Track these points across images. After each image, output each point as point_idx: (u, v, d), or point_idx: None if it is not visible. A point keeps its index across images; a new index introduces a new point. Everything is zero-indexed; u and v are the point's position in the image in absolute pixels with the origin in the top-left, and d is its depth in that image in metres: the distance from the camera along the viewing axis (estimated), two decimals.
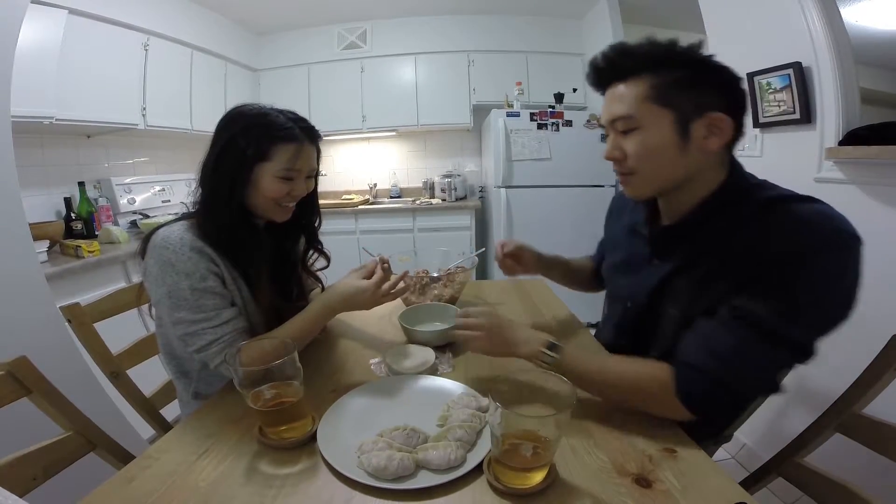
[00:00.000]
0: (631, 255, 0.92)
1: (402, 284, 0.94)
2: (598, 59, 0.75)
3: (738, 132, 0.72)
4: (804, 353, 0.66)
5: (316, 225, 1.08)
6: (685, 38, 0.71)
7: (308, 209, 1.03)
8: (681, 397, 0.67)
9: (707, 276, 0.72)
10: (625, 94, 0.72)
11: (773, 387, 0.70)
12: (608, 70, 0.75)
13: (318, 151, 0.96)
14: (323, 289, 1.14)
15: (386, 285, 0.91)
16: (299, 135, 0.89)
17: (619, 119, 0.73)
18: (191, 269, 0.81)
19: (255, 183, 0.88)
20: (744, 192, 0.73)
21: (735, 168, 0.76)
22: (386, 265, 0.94)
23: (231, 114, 0.89)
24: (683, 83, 0.69)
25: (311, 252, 1.10)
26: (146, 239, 0.86)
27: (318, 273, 1.14)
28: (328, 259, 1.13)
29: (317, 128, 0.95)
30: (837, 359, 1.27)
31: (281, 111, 0.90)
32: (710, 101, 0.69)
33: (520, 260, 1.13)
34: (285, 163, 0.87)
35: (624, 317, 0.92)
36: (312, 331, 0.93)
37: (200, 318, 0.82)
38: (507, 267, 1.13)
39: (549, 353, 0.74)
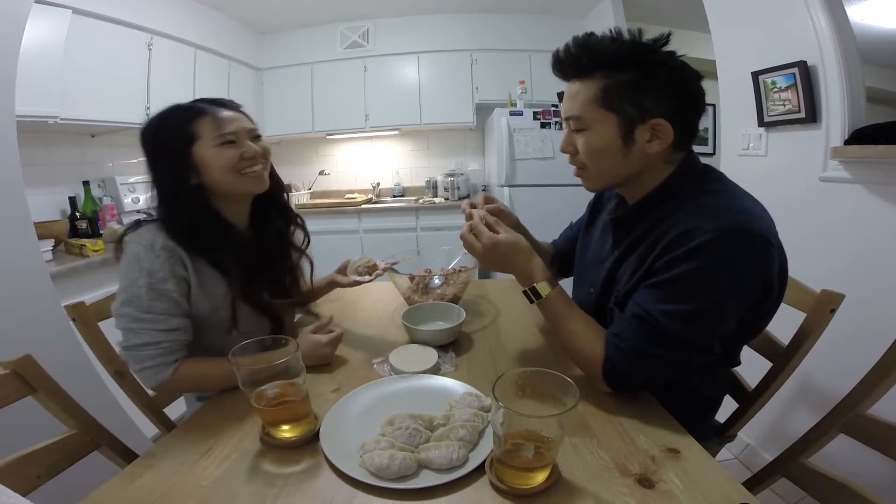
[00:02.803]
0: (602, 246, 0.96)
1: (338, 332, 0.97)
2: (560, 52, 0.77)
3: (686, 134, 0.76)
4: (694, 348, 0.71)
5: (285, 198, 1.07)
6: (687, 38, 0.71)
7: (271, 183, 1.00)
8: (605, 380, 0.76)
9: (634, 267, 0.79)
10: (577, 94, 0.76)
11: (686, 373, 0.79)
12: (569, 65, 0.77)
13: (245, 115, 0.95)
14: (312, 266, 1.13)
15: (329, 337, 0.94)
16: (207, 107, 0.89)
17: (571, 118, 0.78)
18: (155, 268, 0.82)
19: (202, 164, 0.87)
20: (680, 187, 0.78)
21: (682, 164, 0.79)
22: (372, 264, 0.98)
23: (143, 128, 0.90)
24: (630, 86, 0.72)
25: (292, 228, 1.08)
26: (121, 237, 0.87)
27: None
28: (307, 233, 1.11)
29: (320, 127, 0.96)
30: (842, 358, 1.27)
31: (176, 104, 0.91)
32: (655, 106, 0.72)
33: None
34: (213, 130, 0.87)
35: (587, 301, 0.95)
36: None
37: (147, 318, 0.82)
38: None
39: (530, 294, 0.82)
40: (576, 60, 0.76)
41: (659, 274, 0.72)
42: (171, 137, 0.87)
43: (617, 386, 0.76)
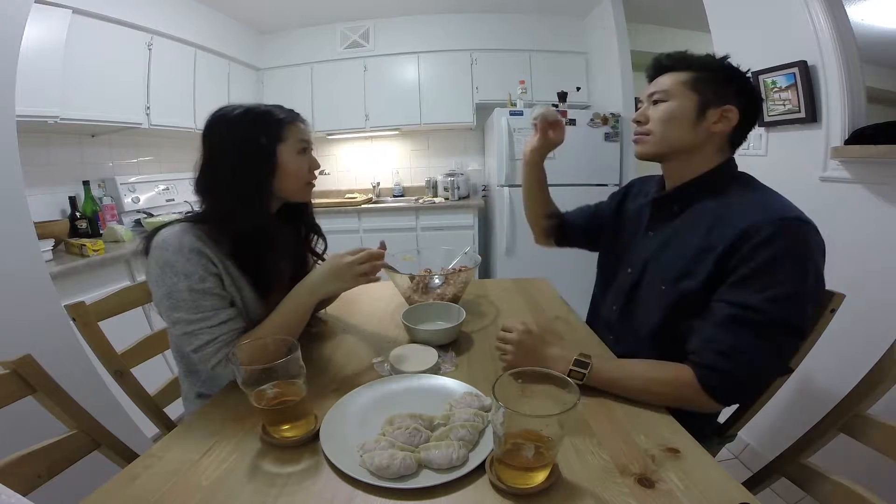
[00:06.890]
0: (638, 227, 1.05)
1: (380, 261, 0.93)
2: (662, 58, 0.94)
3: (744, 126, 0.89)
4: (798, 330, 0.76)
5: (311, 210, 1.11)
6: (687, 38, 0.74)
7: None
8: (708, 393, 0.75)
9: (694, 254, 0.84)
10: (668, 78, 0.91)
11: (782, 367, 0.82)
12: (668, 66, 0.92)
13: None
14: None
15: (363, 255, 0.90)
16: (291, 114, 0.95)
17: (658, 92, 0.91)
18: (190, 270, 0.82)
19: (281, 166, 0.91)
20: (731, 180, 0.90)
21: (726, 162, 0.91)
22: (382, 249, 0.97)
23: (223, 118, 0.91)
24: (712, 80, 0.88)
25: (312, 236, 1.12)
26: (148, 238, 0.87)
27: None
28: (325, 241, 1.15)
29: (320, 127, 0.99)
30: (842, 358, 1.27)
31: (259, 104, 0.94)
32: (729, 98, 0.87)
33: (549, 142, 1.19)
34: (298, 135, 0.93)
35: (623, 281, 1.03)
36: (300, 315, 0.92)
37: (198, 318, 0.83)
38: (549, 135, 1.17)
39: (577, 370, 0.80)
40: (676, 62, 0.91)
41: (737, 271, 0.76)
42: (259, 133, 0.88)
43: (722, 389, 0.75)
